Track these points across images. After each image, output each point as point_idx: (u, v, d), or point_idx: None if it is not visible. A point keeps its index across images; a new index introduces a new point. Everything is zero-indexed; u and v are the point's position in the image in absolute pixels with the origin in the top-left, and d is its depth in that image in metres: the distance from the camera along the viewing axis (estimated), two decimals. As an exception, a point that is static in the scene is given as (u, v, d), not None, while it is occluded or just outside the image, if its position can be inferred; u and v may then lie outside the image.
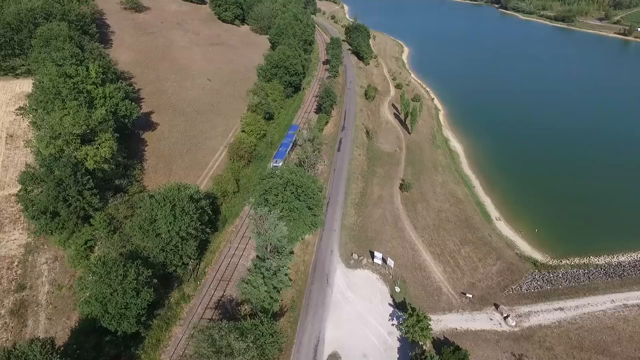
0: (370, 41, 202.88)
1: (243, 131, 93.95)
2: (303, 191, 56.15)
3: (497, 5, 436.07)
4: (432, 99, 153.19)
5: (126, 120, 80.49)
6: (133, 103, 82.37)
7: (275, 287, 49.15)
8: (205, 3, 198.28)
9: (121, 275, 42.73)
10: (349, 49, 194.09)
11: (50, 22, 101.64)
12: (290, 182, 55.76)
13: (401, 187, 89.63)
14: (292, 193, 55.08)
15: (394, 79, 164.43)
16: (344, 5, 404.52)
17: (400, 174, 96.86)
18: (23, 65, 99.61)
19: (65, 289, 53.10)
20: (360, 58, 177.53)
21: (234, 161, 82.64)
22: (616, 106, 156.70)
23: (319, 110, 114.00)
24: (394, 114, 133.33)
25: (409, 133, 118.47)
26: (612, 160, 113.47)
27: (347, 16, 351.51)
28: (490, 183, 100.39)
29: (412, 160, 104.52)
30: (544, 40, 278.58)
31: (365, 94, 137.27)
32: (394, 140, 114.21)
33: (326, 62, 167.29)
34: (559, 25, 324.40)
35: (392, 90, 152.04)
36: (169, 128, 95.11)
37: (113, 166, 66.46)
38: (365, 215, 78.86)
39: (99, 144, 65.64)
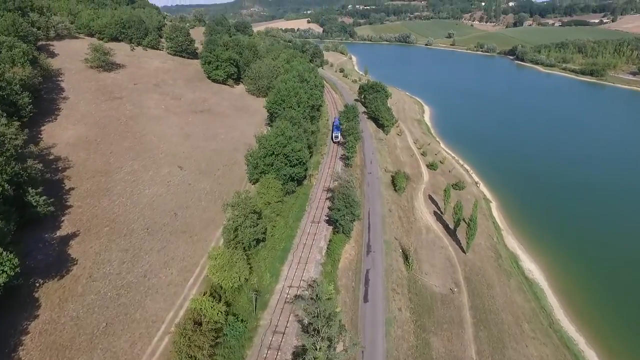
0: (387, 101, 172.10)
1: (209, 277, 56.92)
2: None
3: (511, 57, 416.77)
4: (477, 184, 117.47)
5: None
6: (11, 254, 46.14)
7: None
8: (197, 57, 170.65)
9: None
10: (364, 112, 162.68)
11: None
12: None
13: (481, 390, 50.81)
14: None
15: (423, 154, 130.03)
16: (352, 56, 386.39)
17: (470, 349, 58.22)
18: None
19: None
20: (380, 125, 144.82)
21: (183, 362, 44.69)
22: None
23: (331, 220, 77.32)
24: (434, 212, 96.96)
25: (464, 251, 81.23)
26: None
27: (356, 68, 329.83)
28: None
29: (481, 310, 66.19)
30: (579, 97, 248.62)
31: (393, 184, 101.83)
32: (444, 266, 76.64)
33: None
34: (587, 79, 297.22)
35: (425, 173, 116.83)
36: (92, 269, 58.39)
37: None
38: None
39: None
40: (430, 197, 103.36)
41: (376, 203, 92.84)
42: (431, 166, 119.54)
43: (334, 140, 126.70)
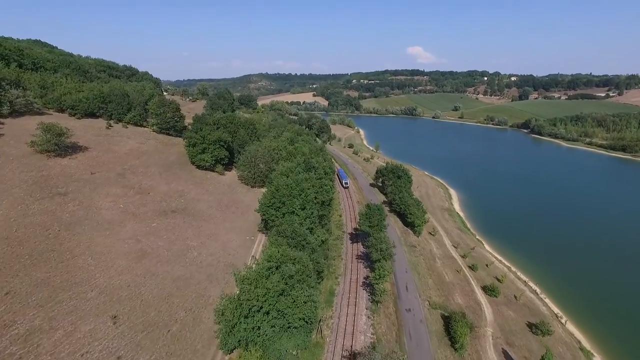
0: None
1: None
2: None
3: (525, 130, 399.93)
4: (560, 318, 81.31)
5: None
6: None
7: None
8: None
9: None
10: (384, 202, 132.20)
11: None
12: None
13: None
14: None
15: (472, 268, 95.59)
16: (360, 130, 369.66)
17: None
18: None
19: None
20: (408, 223, 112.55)
21: None
22: None
23: None
24: (521, 390, 59.93)
25: None
26: None
27: (365, 143, 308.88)
28: None
29: None
30: (628, 177, 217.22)
31: (447, 333, 66.24)
32: None
33: (355, 236, 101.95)
34: (619, 155, 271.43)
35: (484, 304, 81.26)
36: None
37: None
38: None
39: None
40: (505, 354, 66.86)
41: (430, 381, 56.50)
42: (490, 291, 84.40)
43: (344, 186, 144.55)
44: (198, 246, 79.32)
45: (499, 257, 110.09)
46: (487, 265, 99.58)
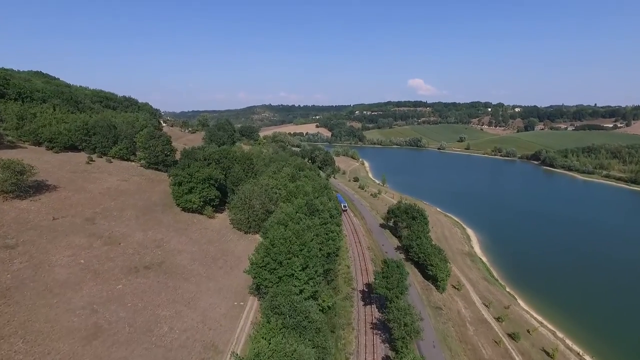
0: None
1: None
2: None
3: (535, 162, 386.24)
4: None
5: None
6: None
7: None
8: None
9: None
10: (398, 247, 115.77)
11: None
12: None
13: None
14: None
15: (513, 337, 77.49)
16: (364, 161, 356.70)
17: None
18: None
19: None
20: (428, 277, 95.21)
21: None
22: None
23: None
24: None
25: None
26: None
27: (370, 175, 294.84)
28: None
29: None
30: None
31: None
32: None
33: (368, 295, 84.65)
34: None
35: (539, 393, 62.93)
36: None
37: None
38: None
39: None
40: None
41: None
42: (543, 374, 66.19)
43: (343, 209, 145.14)
44: (171, 317, 62.33)
45: (539, 318, 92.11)
46: (529, 332, 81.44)
